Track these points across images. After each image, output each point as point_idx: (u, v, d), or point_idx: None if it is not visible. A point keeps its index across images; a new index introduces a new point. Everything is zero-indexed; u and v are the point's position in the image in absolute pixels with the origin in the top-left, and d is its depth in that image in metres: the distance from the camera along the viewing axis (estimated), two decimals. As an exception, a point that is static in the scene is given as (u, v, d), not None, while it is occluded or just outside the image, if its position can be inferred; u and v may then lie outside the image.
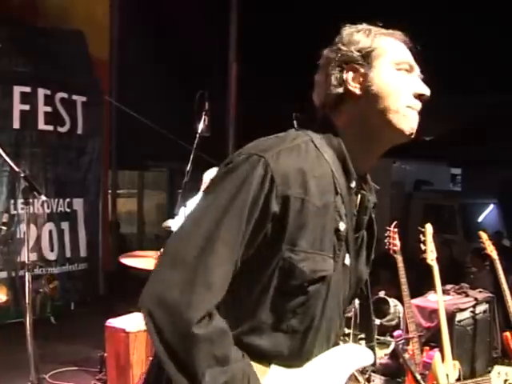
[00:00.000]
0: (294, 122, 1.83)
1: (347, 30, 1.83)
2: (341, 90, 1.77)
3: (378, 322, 7.37)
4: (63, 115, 8.22)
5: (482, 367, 5.56)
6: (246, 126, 11.00)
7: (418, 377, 4.47)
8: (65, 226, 8.33)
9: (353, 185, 1.75)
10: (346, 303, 1.83)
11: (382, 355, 6.51)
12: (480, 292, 5.90)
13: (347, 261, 1.75)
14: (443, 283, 5.10)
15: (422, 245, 4.49)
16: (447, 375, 4.40)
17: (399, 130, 1.75)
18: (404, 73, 1.77)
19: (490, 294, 5.87)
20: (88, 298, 8.61)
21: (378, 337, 7.25)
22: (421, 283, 6.26)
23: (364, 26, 1.84)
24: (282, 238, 1.62)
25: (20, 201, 7.31)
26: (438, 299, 4.56)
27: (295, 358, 1.70)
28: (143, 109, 9.15)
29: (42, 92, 7.94)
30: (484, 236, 5.18)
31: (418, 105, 1.77)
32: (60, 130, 8.24)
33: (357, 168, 1.77)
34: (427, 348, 4.99)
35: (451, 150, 16.22)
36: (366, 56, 1.77)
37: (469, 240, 11.19)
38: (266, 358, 1.67)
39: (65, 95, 8.23)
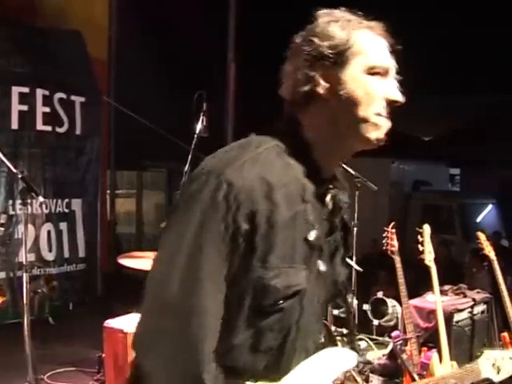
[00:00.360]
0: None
1: (323, 18, 1.67)
2: (308, 88, 1.64)
3: (376, 322, 7.39)
4: (61, 115, 8.21)
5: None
6: (245, 126, 11.01)
7: (416, 377, 4.48)
8: (63, 226, 8.32)
9: (321, 190, 1.66)
10: (324, 307, 1.78)
11: (380, 355, 6.52)
12: (478, 293, 5.91)
13: (322, 267, 1.67)
14: (442, 283, 5.11)
15: (419, 246, 4.50)
16: (445, 376, 4.40)
17: (366, 139, 1.65)
18: (378, 77, 1.64)
19: (488, 295, 5.88)
20: (86, 298, 8.60)
21: (377, 337, 7.27)
22: (419, 284, 6.26)
23: (342, 13, 1.68)
24: (252, 256, 1.52)
25: (18, 201, 7.29)
26: (436, 300, 4.56)
27: (272, 373, 1.63)
28: (142, 109, 9.15)
29: (40, 92, 7.94)
30: (482, 237, 5.18)
31: (387, 111, 1.66)
32: (58, 130, 8.23)
33: (325, 171, 1.68)
34: (425, 349, 5.00)
35: (450, 150, 16.23)
36: (340, 54, 1.63)
37: (467, 240, 11.19)
38: (240, 377, 1.59)
39: (63, 95, 8.23)
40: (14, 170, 3.98)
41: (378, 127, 1.65)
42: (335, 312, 6.63)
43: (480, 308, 5.69)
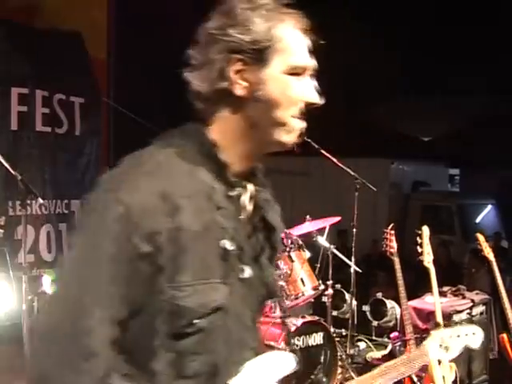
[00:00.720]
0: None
1: (243, 5, 1.50)
2: (223, 84, 1.50)
3: (375, 323, 7.39)
4: (61, 116, 8.21)
5: (478, 369, 5.58)
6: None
7: (415, 379, 4.48)
8: (62, 227, 8.32)
9: (234, 192, 1.54)
10: (256, 311, 1.65)
11: (380, 356, 6.54)
12: (477, 294, 5.92)
13: (247, 274, 1.56)
14: (441, 284, 5.11)
15: (418, 247, 4.49)
16: (444, 377, 4.40)
17: (281, 143, 1.55)
18: (297, 77, 1.53)
19: (487, 296, 5.89)
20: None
21: (376, 338, 7.28)
22: (418, 285, 6.27)
23: (267, 3, 1.51)
24: (160, 278, 1.41)
25: (18, 202, 7.30)
26: (435, 301, 4.56)
27: None
28: (141, 110, 9.15)
29: (39, 93, 7.93)
30: (481, 238, 5.18)
31: (303, 113, 1.56)
32: (58, 131, 8.23)
33: (238, 171, 1.56)
34: (424, 350, 5.00)
35: (449, 150, 16.25)
36: (262, 52, 1.48)
37: (467, 241, 11.22)
38: None
39: (62, 96, 8.22)
40: (13, 173, 3.99)
41: (294, 131, 1.55)
42: (334, 313, 6.65)
43: (479, 309, 5.70)
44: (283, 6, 1.54)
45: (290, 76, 1.52)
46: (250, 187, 1.60)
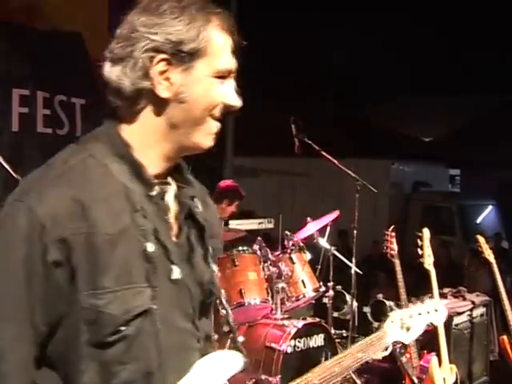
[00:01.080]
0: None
1: (172, 3, 1.46)
2: (146, 84, 1.46)
3: (376, 324, 7.39)
4: (62, 118, 8.21)
5: (479, 370, 5.59)
6: (246, 127, 11.03)
7: (416, 381, 4.49)
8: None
9: (154, 192, 1.50)
10: (194, 311, 1.58)
11: (380, 358, 6.53)
12: (477, 295, 5.92)
13: (176, 275, 1.51)
14: (441, 285, 5.11)
15: (419, 249, 4.50)
16: (444, 379, 4.42)
17: (200, 146, 1.54)
18: (220, 80, 1.51)
19: (488, 298, 5.89)
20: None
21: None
22: (419, 286, 6.27)
23: (198, 4, 1.47)
24: (76, 287, 1.36)
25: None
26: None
27: None
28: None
29: (40, 95, 7.92)
30: (481, 240, 5.19)
31: (221, 116, 1.55)
32: (59, 132, 8.22)
33: (158, 172, 1.53)
34: (424, 352, 5.01)
35: (450, 151, 16.26)
36: (187, 54, 1.45)
37: (467, 241, 11.22)
38: None
39: (63, 98, 8.22)
40: (16, 176, 3.98)
41: (213, 134, 1.55)
42: (335, 314, 6.65)
43: (479, 311, 5.70)
44: (212, 4, 1.51)
45: (214, 79, 1.49)
46: (174, 186, 1.57)
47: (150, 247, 1.44)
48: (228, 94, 1.52)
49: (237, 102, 1.54)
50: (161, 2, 1.47)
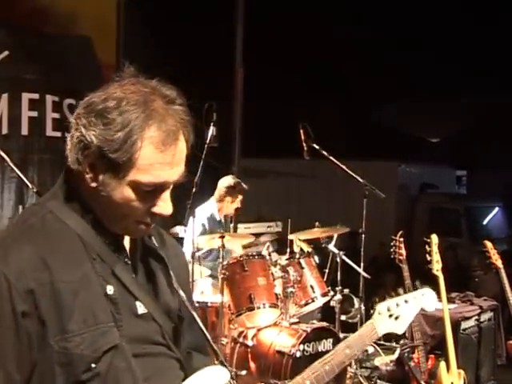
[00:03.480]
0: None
1: (112, 104, 1.50)
2: (79, 168, 1.55)
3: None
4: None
5: (486, 375, 5.60)
6: (253, 129, 11.07)
7: (424, 385, 4.53)
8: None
9: (109, 240, 1.60)
10: (172, 336, 1.69)
11: (388, 361, 6.55)
12: (485, 300, 5.93)
13: (140, 310, 1.61)
14: (448, 287, 5.13)
15: (427, 255, 4.52)
16: (452, 383, 4.44)
17: (126, 234, 1.64)
18: (147, 192, 1.54)
19: (495, 302, 5.91)
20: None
21: (384, 342, 7.29)
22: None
23: (138, 112, 1.49)
24: (46, 333, 1.46)
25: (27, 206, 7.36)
26: (444, 308, 4.59)
27: None
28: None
29: (50, 98, 7.97)
30: (489, 245, 5.21)
31: (152, 219, 1.59)
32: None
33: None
34: (432, 356, 5.04)
35: (456, 152, 16.25)
36: (111, 159, 1.49)
37: (474, 243, 11.21)
38: None
39: (72, 101, 8.25)
40: (29, 185, 4.04)
41: (135, 232, 1.62)
42: (342, 317, 6.67)
43: (487, 315, 5.71)
44: (161, 105, 1.53)
45: (137, 190, 1.53)
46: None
47: (110, 290, 1.54)
48: (153, 204, 1.56)
49: (164, 211, 1.58)
50: (109, 96, 1.52)
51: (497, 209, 13.95)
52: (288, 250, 5.78)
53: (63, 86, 8.16)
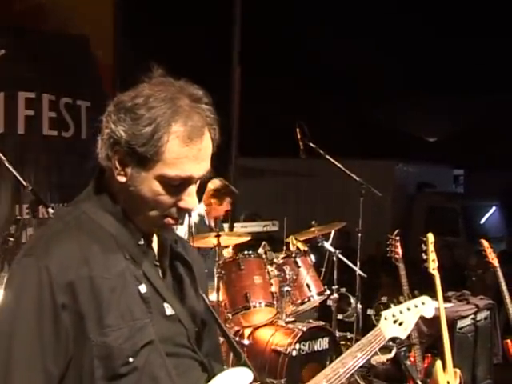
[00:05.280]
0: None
1: (140, 101, 1.56)
2: (109, 164, 1.61)
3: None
4: (67, 120, 8.24)
5: (482, 374, 5.60)
6: (251, 128, 11.05)
7: (420, 384, 4.52)
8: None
9: (141, 241, 1.65)
10: (195, 339, 1.74)
11: (384, 360, 6.55)
12: (481, 299, 5.93)
13: (168, 312, 1.66)
14: (445, 286, 5.12)
15: (423, 254, 4.52)
16: (448, 383, 4.44)
17: (152, 229, 1.69)
18: (174, 186, 1.59)
19: (491, 301, 5.90)
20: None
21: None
22: (422, 287, 6.28)
23: (165, 108, 1.54)
24: (84, 327, 1.51)
25: (25, 205, 7.34)
26: (440, 307, 4.59)
27: None
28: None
29: (46, 97, 7.95)
30: (485, 244, 5.21)
31: (179, 213, 1.64)
32: (64, 134, 8.25)
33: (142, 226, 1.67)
34: (429, 355, 5.03)
35: (454, 151, 16.25)
36: (140, 154, 1.55)
37: (471, 242, 11.21)
38: None
39: (69, 100, 8.24)
40: (24, 183, 4.02)
41: (163, 226, 1.66)
42: (339, 317, 6.66)
43: (483, 314, 5.70)
44: (186, 103, 1.57)
45: (164, 184, 1.58)
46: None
47: (143, 289, 1.60)
48: (180, 198, 1.61)
49: (190, 205, 1.63)
50: (137, 94, 1.58)
51: (494, 208, 13.96)
52: (284, 248, 5.77)
53: (60, 85, 8.14)
